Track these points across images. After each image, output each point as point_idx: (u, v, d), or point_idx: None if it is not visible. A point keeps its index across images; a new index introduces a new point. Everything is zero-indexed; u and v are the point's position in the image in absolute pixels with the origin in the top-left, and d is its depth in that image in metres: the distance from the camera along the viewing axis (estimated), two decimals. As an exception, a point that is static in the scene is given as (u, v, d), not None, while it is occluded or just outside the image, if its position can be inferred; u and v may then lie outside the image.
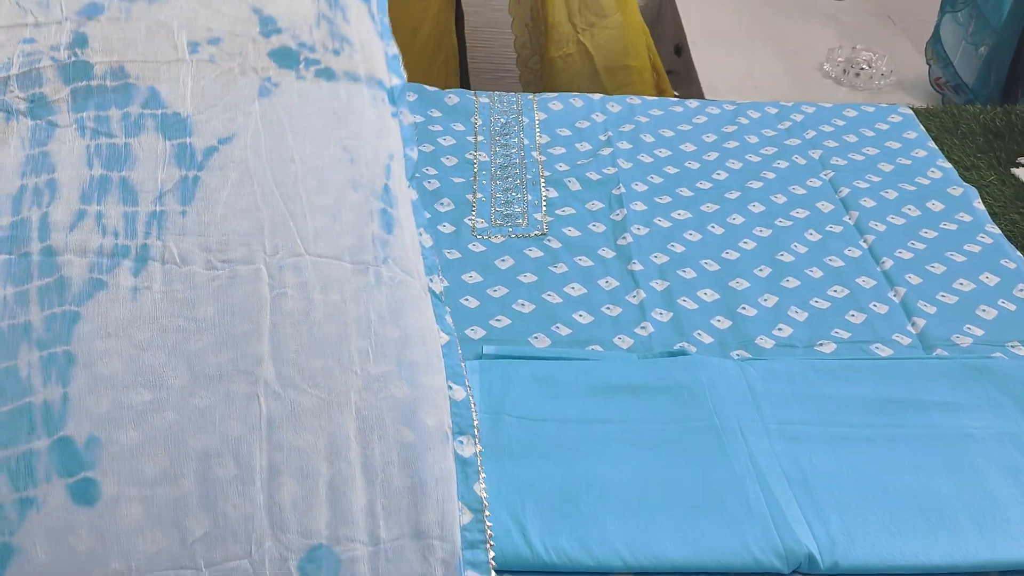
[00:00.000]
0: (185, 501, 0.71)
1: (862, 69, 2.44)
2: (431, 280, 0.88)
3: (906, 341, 1.18)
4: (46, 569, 0.68)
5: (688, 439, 1.00)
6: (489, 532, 0.79)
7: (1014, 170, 1.54)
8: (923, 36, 2.44)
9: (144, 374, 0.72)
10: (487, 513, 0.79)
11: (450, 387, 0.82)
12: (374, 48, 1.03)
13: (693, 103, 1.66)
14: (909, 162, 1.50)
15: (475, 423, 0.84)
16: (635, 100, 1.65)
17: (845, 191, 1.43)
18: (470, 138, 1.48)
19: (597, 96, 1.64)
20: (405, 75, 1.06)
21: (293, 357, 0.76)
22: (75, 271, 0.75)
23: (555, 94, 1.62)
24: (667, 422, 1.02)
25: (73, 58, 0.87)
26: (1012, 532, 0.93)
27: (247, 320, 0.76)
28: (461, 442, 0.82)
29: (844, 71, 2.45)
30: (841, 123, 1.61)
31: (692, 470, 0.97)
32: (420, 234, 0.91)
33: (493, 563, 0.79)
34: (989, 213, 1.40)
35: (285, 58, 0.94)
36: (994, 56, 2.33)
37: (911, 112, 1.65)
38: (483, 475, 0.81)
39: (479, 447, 0.83)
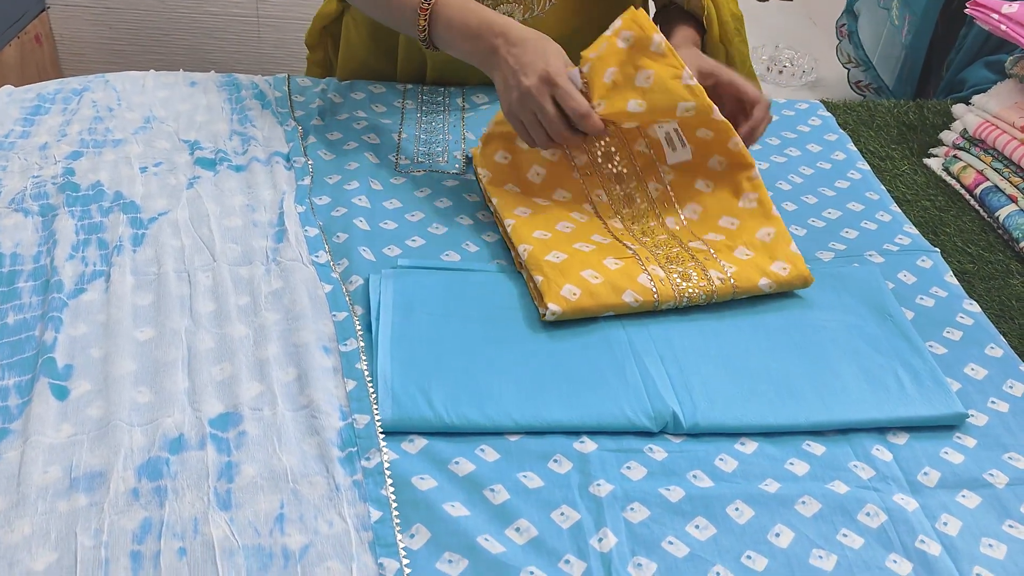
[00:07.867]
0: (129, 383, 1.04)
1: (784, 67, 2.61)
2: (316, 256, 1.22)
3: None
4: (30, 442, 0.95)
5: (577, 332, 1.15)
6: (371, 391, 1.03)
7: (926, 160, 1.66)
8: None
9: (104, 329, 1.09)
10: (368, 378, 1.05)
11: (334, 315, 1.13)
12: (275, 134, 1.47)
13: None
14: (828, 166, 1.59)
15: (357, 328, 1.12)
16: None
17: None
18: (397, 102, 1.63)
19: None
20: (302, 144, 1.46)
21: (203, 312, 1.12)
22: (67, 283, 1.14)
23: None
24: (559, 318, 1.16)
25: (65, 180, 1.31)
26: (848, 400, 1.08)
27: (174, 293, 1.15)
28: (346, 344, 1.09)
29: (768, 68, 2.63)
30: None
31: (579, 355, 1.11)
32: (306, 231, 1.26)
33: (375, 403, 1.02)
34: (902, 201, 1.52)
35: (206, 164, 1.39)
36: (909, 55, 2.50)
37: (831, 115, 1.73)
38: (364, 357, 1.08)
39: (361, 343, 1.09)
